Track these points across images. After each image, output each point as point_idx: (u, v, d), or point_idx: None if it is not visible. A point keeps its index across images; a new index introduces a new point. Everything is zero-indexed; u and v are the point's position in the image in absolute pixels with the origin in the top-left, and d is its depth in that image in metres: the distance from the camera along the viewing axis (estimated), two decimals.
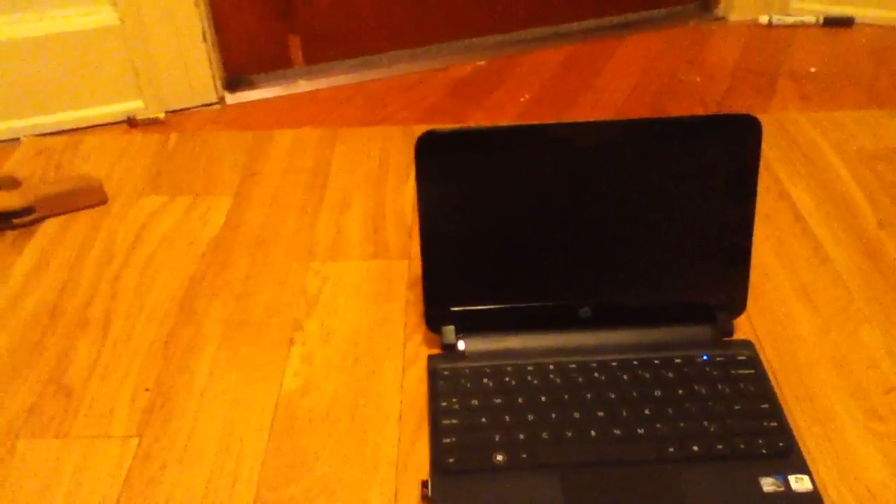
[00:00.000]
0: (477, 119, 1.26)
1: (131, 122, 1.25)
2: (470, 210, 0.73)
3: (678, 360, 0.73)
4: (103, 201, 1.04)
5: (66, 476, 0.67)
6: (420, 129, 0.71)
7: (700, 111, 1.25)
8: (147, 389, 0.76)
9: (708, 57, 1.44)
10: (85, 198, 1.03)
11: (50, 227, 1.00)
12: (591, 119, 1.23)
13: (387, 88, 1.37)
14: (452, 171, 0.72)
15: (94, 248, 0.96)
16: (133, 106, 1.27)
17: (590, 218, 0.73)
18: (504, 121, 1.25)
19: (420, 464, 0.67)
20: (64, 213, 1.02)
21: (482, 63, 1.45)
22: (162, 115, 1.27)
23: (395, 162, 1.12)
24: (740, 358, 0.73)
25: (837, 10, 1.53)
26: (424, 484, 0.64)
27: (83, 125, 1.25)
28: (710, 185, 0.72)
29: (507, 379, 0.72)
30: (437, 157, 0.71)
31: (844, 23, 1.51)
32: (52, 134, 1.23)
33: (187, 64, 1.27)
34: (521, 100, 1.31)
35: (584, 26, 1.56)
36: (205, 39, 1.27)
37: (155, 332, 0.83)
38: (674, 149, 0.71)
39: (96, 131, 1.25)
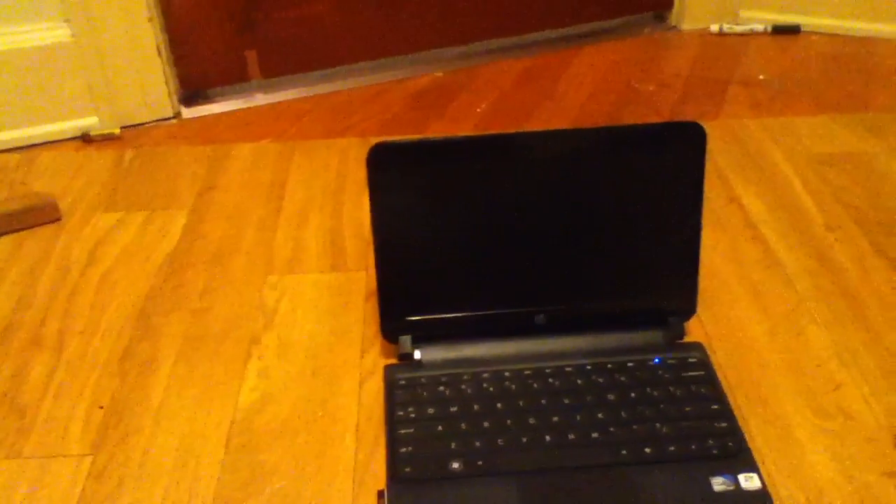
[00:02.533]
0: (436, 130, 1.27)
1: (86, 139, 1.25)
2: (424, 220, 0.74)
3: (631, 364, 0.74)
4: (57, 218, 1.03)
5: (20, 497, 0.67)
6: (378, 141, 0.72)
7: (654, 119, 1.27)
8: (101, 407, 0.75)
9: (662, 66, 1.46)
10: (38, 215, 1.02)
11: (3, 245, 0.99)
12: (548, 129, 1.25)
13: (346, 100, 1.37)
14: (405, 182, 0.72)
15: (48, 266, 0.95)
16: (88, 122, 1.26)
17: (542, 226, 0.74)
18: (463, 131, 1.26)
19: (378, 474, 0.68)
20: (17, 230, 1.01)
21: (441, 74, 1.46)
22: (118, 131, 1.26)
23: (354, 174, 1.12)
24: (691, 360, 0.75)
25: (785, 19, 1.57)
26: (381, 494, 0.64)
27: (37, 142, 1.24)
28: (659, 191, 0.74)
29: (463, 387, 0.73)
30: (388, 168, 0.72)
31: (792, 30, 1.55)
32: (5, 151, 1.22)
33: (143, 79, 1.27)
34: (479, 110, 1.32)
35: (540, 37, 1.58)
36: (160, 54, 1.26)
37: (110, 348, 0.82)
38: (622, 157, 0.73)
39: (51, 148, 1.24)
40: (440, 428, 0.69)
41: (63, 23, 1.20)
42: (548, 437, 0.68)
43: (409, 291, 0.76)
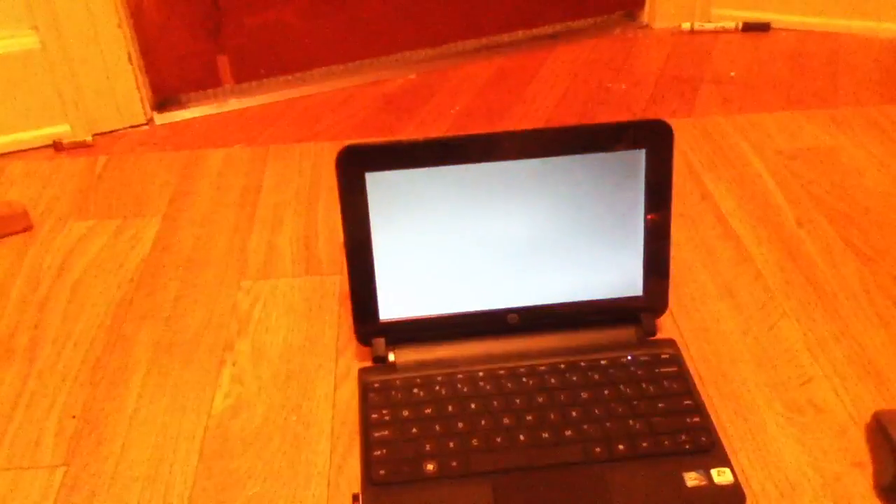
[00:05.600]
0: (410, 132, 1.27)
1: (58, 147, 1.24)
2: (395, 223, 0.74)
3: (604, 362, 0.74)
4: (28, 228, 1.02)
5: None
6: None
7: (626, 118, 1.28)
8: (74, 417, 0.75)
9: (634, 64, 1.47)
10: (9, 225, 1.01)
11: None
12: (518, 129, 1.25)
13: (318, 104, 1.37)
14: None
15: (18, 276, 0.94)
16: (59, 130, 1.25)
17: (512, 226, 0.74)
18: (436, 133, 1.26)
19: (353, 478, 0.68)
20: None
21: (413, 77, 1.46)
22: (90, 138, 1.25)
23: (327, 178, 1.12)
24: (664, 357, 0.75)
25: (755, 16, 1.58)
26: (356, 497, 0.64)
27: (7, 151, 1.23)
28: (628, 189, 0.74)
29: (437, 388, 0.73)
30: (359, 170, 0.72)
31: (762, 28, 1.57)
32: None
33: (114, 86, 1.26)
34: (452, 112, 1.32)
35: (513, 38, 1.58)
36: (130, 61, 1.26)
37: (82, 358, 0.82)
38: (590, 156, 0.73)
39: (21, 156, 1.23)
40: (414, 430, 0.69)
41: (30, 30, 1.19)
42: (522, 437, 0.68)
43: (382, 294, 0.76)
